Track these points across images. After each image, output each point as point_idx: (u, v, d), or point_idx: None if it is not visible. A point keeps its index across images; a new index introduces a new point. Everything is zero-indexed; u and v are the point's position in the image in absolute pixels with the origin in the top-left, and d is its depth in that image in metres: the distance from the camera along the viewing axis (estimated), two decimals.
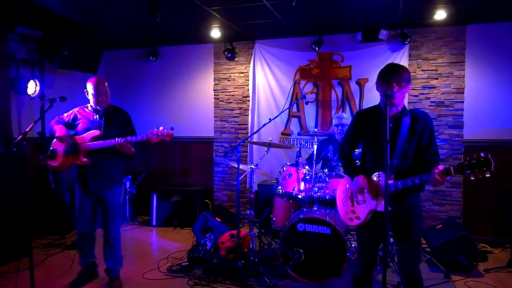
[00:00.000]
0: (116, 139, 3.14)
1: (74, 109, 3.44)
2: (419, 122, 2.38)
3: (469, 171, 2.04)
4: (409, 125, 2.37)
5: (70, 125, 3.39)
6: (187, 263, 3.90)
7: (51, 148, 3.37)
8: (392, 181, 2.28)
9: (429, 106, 5.04)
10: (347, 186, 2.59)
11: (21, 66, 4.78)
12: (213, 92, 5.95)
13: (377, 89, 2.45)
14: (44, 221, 4.92)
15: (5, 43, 4.55)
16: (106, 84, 3.34)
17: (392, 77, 2.30)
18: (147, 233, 5.34)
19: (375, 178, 2.39)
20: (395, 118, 2.38)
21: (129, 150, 3.21)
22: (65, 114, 3.44)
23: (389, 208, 2.17)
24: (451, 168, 2.10)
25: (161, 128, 3.08)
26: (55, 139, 3.33)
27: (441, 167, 2.13)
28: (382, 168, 2.31)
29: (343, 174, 3.35)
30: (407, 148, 2.36)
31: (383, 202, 2.26)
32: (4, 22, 4.38)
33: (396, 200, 2.34)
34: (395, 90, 2.28)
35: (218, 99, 5.94)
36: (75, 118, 3.39)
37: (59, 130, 3.25)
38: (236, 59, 5.79)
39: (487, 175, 2.00)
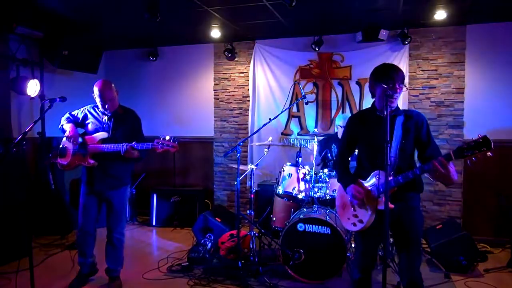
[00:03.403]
0: (122, 145, 3.13)
1: (86, 107, 3.43)
2: (413, 119, 2.42)
3: (469, 153, 2.02)
4: (403, 123, 2.39)
5: (80, 123, 3.39)
6: (187, 263, 3.90)
7: (61, 146, 3.39)
8: (391, 177, 2.27)
9: (429, 106, 5.04)
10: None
11: (21, 66, 4.78)
12: (213, 92, 5.95)
13: (372, 89, 2.46)
14: (44, 221, 4.93)
15: (5, 43, 4.55)
16: (112, 88, 3.27)
17: (393, 76, 2.31)
18: (147, 233, 5.34)
19: (370, 182, 2.41)
20: (389, 117, 2.36)
21: (134, 155, 3.21)
22: (76, 111, 3.43)
23: (392, 206, 2.16)
24: (451, 152, 2.09)
25: (167, 138, 3.06)
26: (65, 137, 3.33)
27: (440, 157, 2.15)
28: (380, 168, 2.32)
29: None
30: (404, 145, 2.37)
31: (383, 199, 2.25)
32: (4, 22, 4.38)
33: (397, 202, 2.32)
34: (397, 89, 2.30)
35: (218, 99, 5.94)
36: (85, 117, 3.38)
37: (69, 130, 3.25)
38: (236, 59, 5.79)
39: (489, 154, 1.98)
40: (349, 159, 2.68)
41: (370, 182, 2.43)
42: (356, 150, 2.71)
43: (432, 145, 2.41)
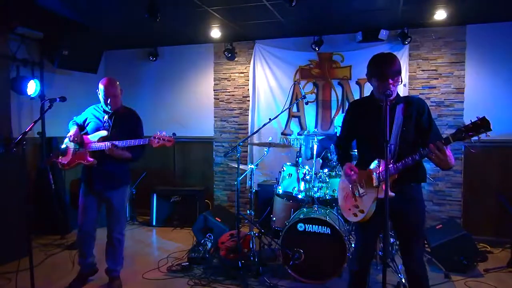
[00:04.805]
0: (106, 143, 3.16)
1: (87, 109, 3.47)
2: (413, 106, 2.39)
3: (467, 135, 2.01)
4: (404, 110, 2.37)
5: (83, 126, 3.43)
6: (187, 263, 3.90)
7: (63, 146, 3.43)
8: (391, 165, 2.26)
9: (429, 106, 4.99)
10: (347, 183, 2.58)
11: (21, 66, 4.77)
12: (213, 92, 5.95)
13: (369, 80, 2.44)
14: (44, 221, 4.93)
15: (5, 43, 4.55)
16: (117, 86, 3.31)
17: (388, 71, 2.29)
18: (147, 233, 5.34)
19: (372, 166, 2.41)
20: (390, 106, 2.34)
21: (122, 155, 3.22)
22: (79, 116, 3.48)
23: (393, 194, 2.16)
24: (450, 136, 2.07)
25: (163, 133, 3.08)
26: (67, 138, 3.37)
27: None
28: (379, 156, 2.33)
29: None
30: (404, 132, 2.35)
31: (383, 188, 2.23)
32: (4, 22, 4.38)
33: (398, 192, 2.29)
34: (391, 85, 2.29)
35: (218, 99, 5.94)
36: (86, 119, 3.42)
37: (72, 131, 3.32)
38: (236, 59, 5.79)
39: (487, 135, 1.98)
40: (350, 144, 2.68)
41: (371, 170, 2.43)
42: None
43: (434, 131, 2.37)
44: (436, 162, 2.18)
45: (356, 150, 2.77)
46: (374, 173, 2.39)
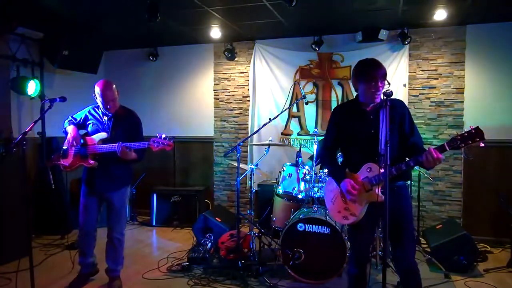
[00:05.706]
0: (117, 144, 3.14)
1: (86, 108, 3.45)
2: (396, 109, 2.42)
3: (462, 144, 2.06)
4: (387, 114, 2.39)
5: (81, 125, 3.41)
6: (187, 263, 3.90)
7: (63, 147, 3.41)
8: (382, 170, 2.27)
9: (429, 106, 5.04)
10: (335, 185, 2.56)
11: (21, 66, 4.77)
12: (213, 92, 5.95)
13: (355, 85, 2.47)
14: (44, 221, 4.93)
15: (5, 43, 4.55)
16: (114, 89, 3.27)
17: (376, 73, 2.33)
18: (147, 233, 5.35)
19: (361, 176, 2.41)
20: (375, 109, 2.40)
21: (130, 156, 3.21)
22: (77, 114, 3.45)
23: (382, 198, 2.17)
24: (445, 144, 2.12)
25: (163, 136, 3.07)
26: (66, 139, 3.34)
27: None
28: (369, 160, 2.35)
29: None
30: (389, 136, 2.35)
31: (377, 192, 2.26)
32: (4, 22, 4.38)
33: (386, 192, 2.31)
34: (380, 87, 2.32)
35: (218, 99, 5.94)
36: (85, 119, 3.40)
37: (71, 132, 3.28)
38: (236, 59, 5.79)
39: (482, 145, 2.04)
40: (336, 153, 2.68)
41: (360, 175, 2.43)
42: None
43: (415, 134, 2.42)
44: (425, 166, 2.23)
45: (340, 153, 2.76)
46: (365, 178, 2.39)
